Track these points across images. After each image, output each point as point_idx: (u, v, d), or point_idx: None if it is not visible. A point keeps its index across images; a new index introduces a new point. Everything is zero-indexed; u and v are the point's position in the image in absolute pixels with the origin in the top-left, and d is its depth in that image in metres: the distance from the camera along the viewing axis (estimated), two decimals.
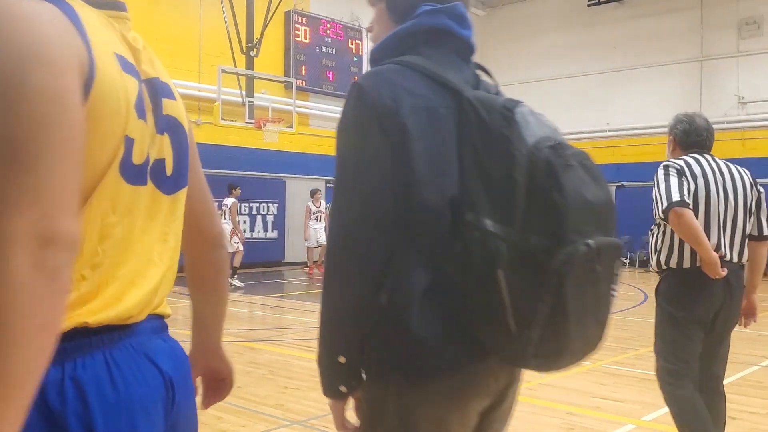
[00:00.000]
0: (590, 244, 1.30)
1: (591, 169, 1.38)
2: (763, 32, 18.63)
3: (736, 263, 3.39)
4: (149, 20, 15.25)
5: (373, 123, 1.40)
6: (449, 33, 1.54)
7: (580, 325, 1.36)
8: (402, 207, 1.38)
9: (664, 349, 3.53)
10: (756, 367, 6.57)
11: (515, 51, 23.51)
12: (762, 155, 18.47)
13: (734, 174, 3.47)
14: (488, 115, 1.39)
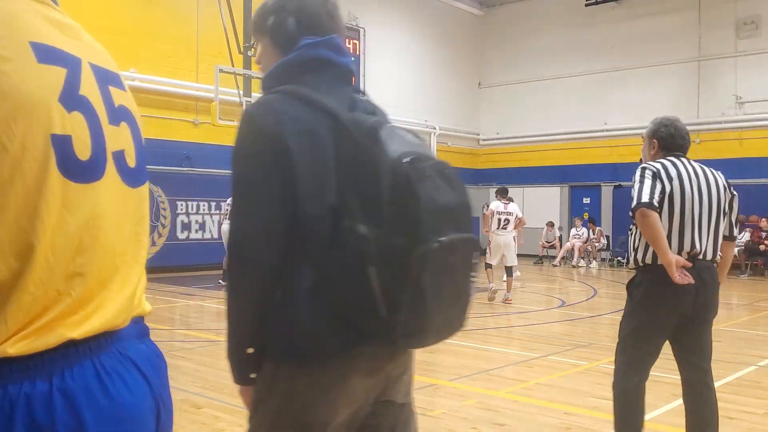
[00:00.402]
0: (442, 241, 1.56)
1: (448, 177, 1.66)
2: (761, 32, 18.65)
3: (710, 260, 3.54)
4: (147, 20, 15.23)
5: (261, 146, 1.64)
6: (329, 62, 1.79)
7: (440, 309, 1.63)
8: (290, 217, 1.62)
9: (627, 340, 3.64)
10: (754, 367, 6.57)
11: (512, 51, 23.52)
12: (759, 155, 18.51)
13: (708, 176, 3.61)
14: (359, 135, 1.64)
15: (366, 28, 20.30)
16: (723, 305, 12.73)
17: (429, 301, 1.57)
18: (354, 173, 1.63)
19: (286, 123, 1.64)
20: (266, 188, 1.62)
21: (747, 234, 17.26)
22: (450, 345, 7.68)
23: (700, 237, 3.49)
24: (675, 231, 3.47)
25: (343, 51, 1.85)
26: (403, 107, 21.42)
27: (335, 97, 1.72)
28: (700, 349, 3.66)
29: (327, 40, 1.80)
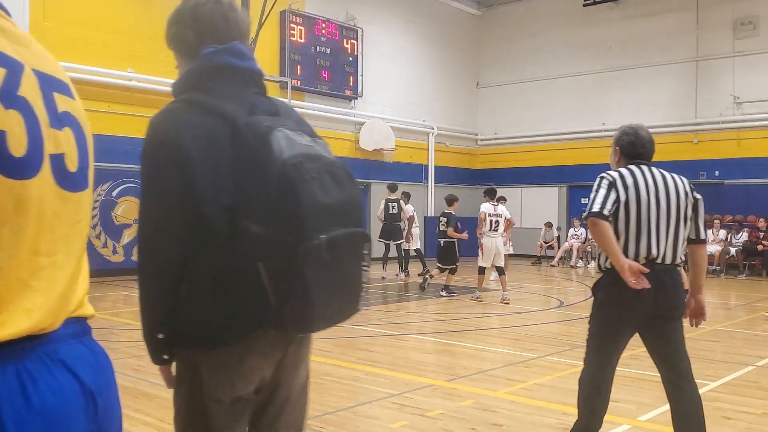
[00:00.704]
0: (324, 238, 1.73)
1: (337, 176, 1.83)
2: (759, 32, 18.67)
3: (670, 264, 3.65)
4: (146, 19, 15.21)
5: (162, 153, 1.79)
6: (231, 67, 1.91)
7: (327, 299, 1.81)
8: (190, 217, 1.77)
9: (592, 339, 3.80)
10: (751, 367, 6.58)
11: (510, 51, 23.52)
12: (757, 155, 18.52)
13: (668, 183, 3.71)
14: (252, 139, 1.78)
15: (364, 28, 20.30)
16: (721, 305, 12.80)
17: (314, 292, 1.75)
18: (248, 175, 1.78)
19: (185, 131, 1.79)
20: (166, 192, 1.79)
21: (745, 234, 17.28)
22: (448, 345, 7.69)
23: (657, 242, 3.61)
24: (632, 237, 3.60)
25: (245, 55, 1.96)
26: (401, 107, 21.44)
27: (236, 102, 1.86)
28: (674, 349, 3.74)
29: (228, 47, 1.92)
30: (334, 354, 7.07)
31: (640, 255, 3.60)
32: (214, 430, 1.93)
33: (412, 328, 8.87)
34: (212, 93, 1.87)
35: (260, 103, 1.93)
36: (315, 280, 1.75)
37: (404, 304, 11.55)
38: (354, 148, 19.98)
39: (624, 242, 3.61)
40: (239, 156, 1.79)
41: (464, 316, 9.87)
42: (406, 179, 21.00)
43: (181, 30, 1.99)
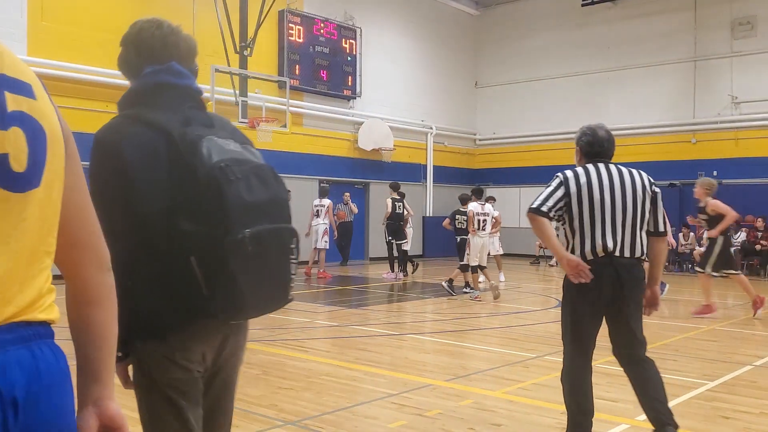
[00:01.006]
0: (246, 233, 1.93)
1: (263, 177, 2.07)
2: (757, 33, 18.68)
3: (629, 258, 3.80)
4: None
5: (106, 162, 2.03)
6: (168, 85, 2.14)
7: (255, 289, 2.00)
8: (131, 218, 1.99)
9: (565, 330, 3.96)
10: (749, 366, 6.58)
11: (508, 51, 23.53)
12: (755, 155, 18.54)
13: (625, 178, 3.88)
14: (184, 147, 2.00)
15: (362, 27, 20.29)
16: (719, 305, 12.77)
17: (241, 282, 1.95)
18: (181, 179, 1.99)
19: (125, 142, 2.02)
20: (109, 196, 1.99)
21: (743, 234, 17.29)
22: (447, 345, 7.69)
23: (614, 236, 3.76)
24: (587, 232, 3.77)
25: (183, 74, 2.19)
26: (400, 107, 21.43)
27: (172, 115, 2.08)
28: (630, 338, 3.90)
29: (166, 67, 2.16)
30: (333, 354, 7.06)
31: (597, 249, 3.75)
32: (178, 412, 2.10)
33: (410, 328, 8.87)
34: (151, 107, 2.11)
35: (196, 115, 2.14)
36: (241, 270, 1.94)
37: (403, 304, 11.55)
38: (352, 147, 19.97)
39: (580, 237, 3.78)
40: (174, 162, 2.01)
41: (463, 316, 9.87)
42: (404, 179, 20.94)
43: (125, 52, 2.24)
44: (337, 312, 10.18)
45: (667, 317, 9.67)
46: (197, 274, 1.96)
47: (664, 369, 6.33)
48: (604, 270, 3.73)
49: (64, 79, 13.97)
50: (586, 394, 3.89)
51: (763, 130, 18.44)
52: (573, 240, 3.84)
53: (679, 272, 17.83)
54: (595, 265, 3.76)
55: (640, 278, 3.86)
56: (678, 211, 19.37)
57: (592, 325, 3.85)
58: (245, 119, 14.42)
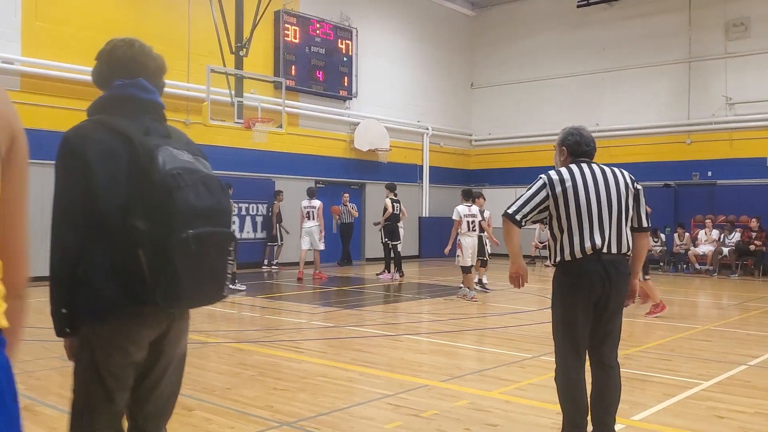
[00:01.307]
0: (190, 233, 2.21)
1: (210, 186, 2.34)
2: (751, 34, 18.74)
3: (616, 254, 3.88)
4: (138, 19, 15.17)
5: (70, 160, 2.28)
6: (134, 98, 2.43)
7: (193, 282, 2.27)
8: (89, 213, 2.25)
9: (555, 329, 4.00)
10: (744, 366, 6.60)
11: (504, 51, 23.55)
12: (749, 155, 18.59)
13: (608, 177, 3.96)
14: (143, 154, 2.27)
15: (358, 28, 20.28)
16: (713, 305, 12.80)
17: (181, 275, 2.21)
18: (138, 182, 2.25)
19: (89, 144, 2.27)
20: (71, 192, 2.26)
21: (737, 234, 17.34)
22: (443, 346, 7.69)
23: (601, 233, 3.84)
24: (575, 230, 3.84)
25: (149, 90, 2.48)
26: (396, 108, 21.43)
27: (135, 125, 2.36)
28: (608, 335, 3.96)
29: (134, 82, 2.44)
30: (329, 355, 7.06)
31: (586, 246, 3.82)
32: (108, 391, 2.37)
33: (406, 328, 8.87)
34: (117, 116, 2.37)
35: (156, 127, 2.43)
36: (182, 265, 2.21)
37: (399, 304, 11.55)
38: (348, 148, 19.97)
39: (569, 236, 3.85)
40: (132, 166, 2.27)
41: (459, 317, 9.88)
42: (400, 179, 20.96)
43: (99, 66, 2.51)
44: (332, 313, 10.17)
45: (662, 317, 9.68)
46: (144, 266, 2.22)
47: (659, 369, 6.37)
48: (593, 267, 3.81)
49: (58, 79, 13.94)
50: (581, 392, 3.92)
51: (757, 131, 18.50)
52: (561, 238, 3.89)
53: (674, 273, 17.87)
54: (584, 263, 3.83)
55: (627, 273, 3.94)
56: (673, 211, 19.44)
57: (584, 322, 3.89)
58: (241, 120, 14.40)
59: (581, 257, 3.83)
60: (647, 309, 9.85)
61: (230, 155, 16.87)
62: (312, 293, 12.88)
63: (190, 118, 15.98)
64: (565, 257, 3.87)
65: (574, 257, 3.85)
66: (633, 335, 8.20)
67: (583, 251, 3.82)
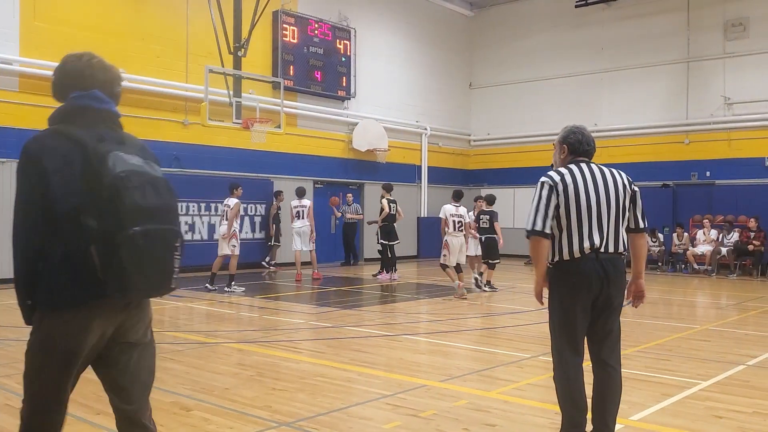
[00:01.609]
0: (137, 230, 2.43)
1: (157, 187, 2.56)
2: (749, 34, 18.76)
3: (613, 253, 3.92)
4: (137, 20, 15.16)
5: (28, 167, 2.51)
6: (89, 108, 2.66)
7: (141, 275, 2.47)
8: (48, 215, 2.47)
9: (553, 329, 4.02)
10: (743, 366, 6.60)
11: (503, 52, 23.56)
12: (748, 155, 18.61)
13: (607, 177, 4.00)
14: (95, 158, 2.50)
15: (357, 28, 20.28)
16: (712, 305, 12.81)
17: (129, 269, 2.42)
18: (90, 184, 2.47)
19: (46, 151, 2.50)
20: (30, 195, 2.49)
21: (736, 234, 17.35)
22: (441, 346, 7.69)
23: (600, 233, 3.88)
24: (575, 230, 3.87)
25: (103, 100, 2.70)
26: (394, 108, 21.43)
27: (89, 133, 2.57)
28: (608, 335, 3.98)
29: (88, 94, 2.67)
30: (327, 355, 7.06)
31: (585, 245, 3.85)
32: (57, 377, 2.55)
33: (405, 328, 8.86)
34: (73, 125, 2.59)
35: (110, 134, 2.63)
36: (130, 259, 2.42)
37: (397, 304, 11.55)
38: (347, 148, 19.96)
39: (568, 235, 3.88)
40: (85, 171, 2.49)
41: (457, 317, 9.88)
42: (399, 180, 20.97)
43: (54, 78, 2.75)
44: (331, 313, 10.17)
45: (660, 317, 9.68)
46: (96, 260, 2.44)
47: (657, 369, 6.37)
48: (591, 265, 3.84)
49: None
50: (579, 391, 3.92)
51: (756, 130, 18.52)
52: (560, 237, 3.90)
53: (673, 272, 17.88)
54: (583, 262, 3.86)
55: (623, 271, 3.96)
56: (671, 211, 19.45)
57: (582, 320, 3.91)
58: (239, 120, 14.39)
59: (580, 257, 3.86)
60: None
61: (229, 155, 16.87)
62: (310, 293, 12.88)
63: (188, 118, 15.97)
64: (564, 257, 3.89)
65: (573, 256, 3.87)
66: (631, 335, 8.20)
67: (581, 250, 3.85)
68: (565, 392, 3.95)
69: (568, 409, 3.94)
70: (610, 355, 3.98)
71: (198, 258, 16.11)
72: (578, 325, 3.90)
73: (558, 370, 3.99)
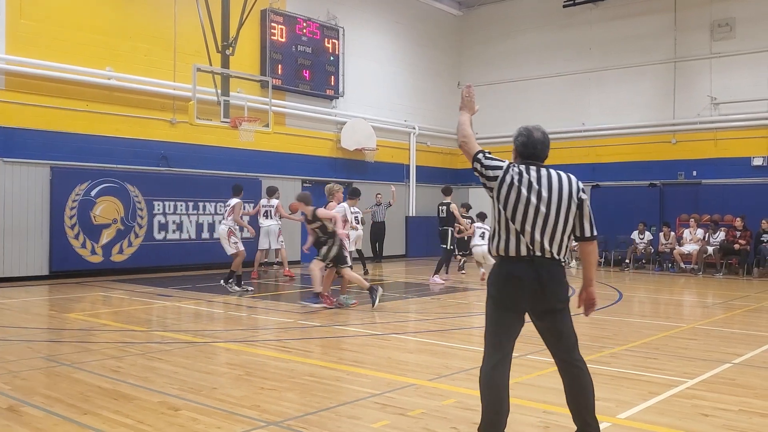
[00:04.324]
0: None
1: None
2: (735, 34, 18.90)
3: (550, 259, 3.83)
4: (124, 18, 15.07)
5: None
6: None
7: None
8: None
9: (486, 326, 4.02)
10: (728, 364, 6.65)
11: (491, 51, 23.61)
12: (734, 155, 18.75)
13: (554, 182, 3.94)
14: None
15: (345, 27, 20.26)
16: (698, 304, 12.88)
17: None
18: None
19: None
20: None
21: (722, 233, 17.47)
22: (430, 345, 7.69)
23: (540, 236, 3.81)
24: (512, 229, 3.83)
25: None
26: (383, 107, 21.43)
27: None
28: (560, 337, 3.93)
29: None
30: (316, 354, 7.04)
31: (521, 247, 3.81)
32: None
33: (393, 327, 8.86)
34: None
35: None
36: None
37: (386, 303, 11.54)
38: (335, 147, 19.94)
39: (506, 233, 3.85)
40: None
41: (446, 316, 9.89)
42: (387, 179, 21.01)
43: None
44: (319, 312, 10.15)
45: (647, 316, 9.74)
46: None
47: (644, 367, 6.41)
48: (525, 268, 3.79)
49: (43, 77, 13.82)
50: (498, 392, 3.90)
51: (742, 130, 18.66)
52: (498, 231, 3.89)
53: (659, 271, 17.98)
54: (517, 263, 3.82)
55: (561, 278, 3.87)
56: (658, 210, 19.57)
57: (511, 324, 3.88)
58: (227, 119, 14.33)
59: (514, 256, 3.82)
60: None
61: (217, 154, 16.81)
62: (299, 293, 12.85)
63: (176, 117, 15.90)
64: (500, 252, 3.87)
65: (508, 254, 3.84)
66: (619, 334, 8.25)
67: (517, 251, 3.81)
68: (483, 391, 3.97)
69: (484, 408, 3.96)
70: (570, 355, 3.94)
71: (186, 257, 16.07)
72: (504, 327, 3.90)
73: (482, 367, 4.00)
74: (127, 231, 15.13)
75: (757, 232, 17.00)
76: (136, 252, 15.28)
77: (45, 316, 9.93)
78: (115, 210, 14.90)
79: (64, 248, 14.02)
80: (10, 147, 13.47)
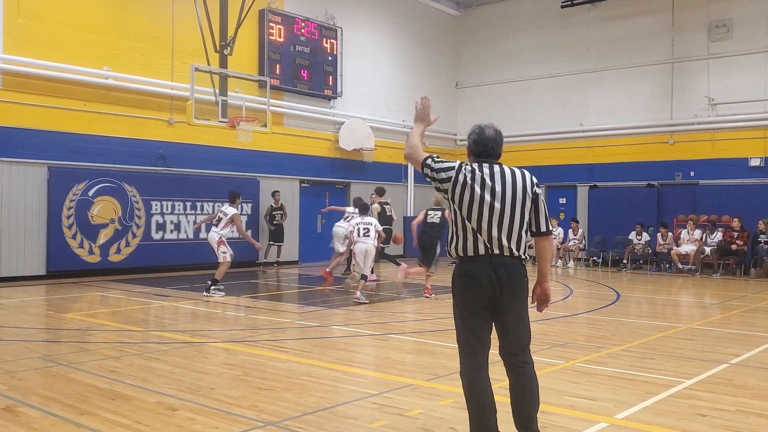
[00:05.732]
0: None
1: None
2: (733, 35, 18.92)
3: (508, 256, 3.84)
4: (122, 17, 15.05)
5: None
6: None
7: None
8: None
9: (456, 327, 4.01)
10: (726, 365, 6.66)
11: (489, 51, 23.63)
12: (731, 156, 18.78)
13: (507, 178, 3.96)
14: None
15: (343, 27, 20.25)
16: (695, 304, 12.89)
17: None
18: None
19: None
20: None
21: (719, 234, 17.49)
22: (428, 345, 7.69)
23: (497, 234, 3.82)
24: (468, 228, 3.84)
25: None
26: (381, 107, 21.43)
27: None
28: (511, 335, 3.91)
29: None
30: (314, 354, 7.05)
31: (478, 246, 3.82)
32: None
33: (391, 328, 8.87)
34: None
35: None
36: None
37: (383, 304, 11.55)
38: (333, 147, 19.94)
39: (463, 232, 3.85)
40: None
41: (443, 316, 9.89)
42: (385, 179, 21.01)
43: None
44: (317, 312, 10.16)
45: (644, 316, 9.75)
46: None
47: (642, 368, 6.42)
48: (483, 267, 3.80)
49: (40, 77, 13.80)
50: (482, 392, 3.89)
51: (739, 131, 18.69)
52: (456, 231, 3.90)
53: (657, 272, 18.00)
54: (475, 263, 3.83)
55: (520, 276, 3.86)
56: (656, 211, 19.59)
57: (477, 323, 3.87)
58: (225, 119, 14.32)
59: (473, 256, 3.83)
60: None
61: (215, 154, 16.80)
62: (297, 293, 12.85)
63: (174, 116, 15.88)
64: (459, 252, 3.88)
65: (467, 254, 3.85)
66: (616, 334, 8.26)
67: (476, 251, 3.82)
68: (467, 394, 3.94)
69: (470, 408, 3.93)
70: (518, 355, 3.94)
71: (183, 257, 16.06)
72: (471, 327, 3.89)
73: (461, 371, 3.97)
74: (125, 231, 15.11)
75: (754, 232, 17.02)
76: (133, 252, 15.26)
77: (42, 316, 9.92)
78: (112, 210, 14.88)
79: (62, 248, 14.00)
80: (7, 146, 13.45)
